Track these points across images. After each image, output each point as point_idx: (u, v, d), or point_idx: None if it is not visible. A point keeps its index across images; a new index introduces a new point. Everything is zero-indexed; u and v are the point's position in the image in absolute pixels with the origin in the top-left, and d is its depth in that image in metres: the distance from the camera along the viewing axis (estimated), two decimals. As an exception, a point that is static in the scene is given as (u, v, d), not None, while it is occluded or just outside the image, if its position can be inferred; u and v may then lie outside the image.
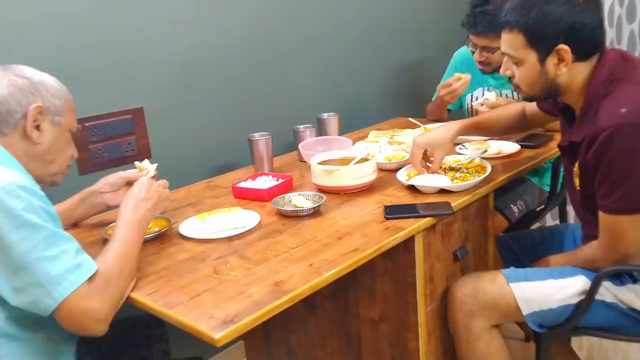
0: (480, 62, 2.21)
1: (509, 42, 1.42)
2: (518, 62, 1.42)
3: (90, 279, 1.09)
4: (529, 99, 1.51)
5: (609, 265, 1.38)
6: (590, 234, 1.45)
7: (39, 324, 1.17)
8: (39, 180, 1.23)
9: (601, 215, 1.37)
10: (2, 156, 1.16)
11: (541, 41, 1.36)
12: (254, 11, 2.17)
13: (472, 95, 2.35)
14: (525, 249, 1.80)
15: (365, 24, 2.62)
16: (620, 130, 1.26)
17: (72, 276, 1.07)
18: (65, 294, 1.05)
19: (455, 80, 2.20)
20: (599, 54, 1.38)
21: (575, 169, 1.43)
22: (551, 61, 1.37)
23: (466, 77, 2.20)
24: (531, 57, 1.39)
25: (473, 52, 2.21)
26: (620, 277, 1.42)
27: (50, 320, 1.18)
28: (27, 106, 1.19)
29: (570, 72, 1.38)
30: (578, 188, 1.45)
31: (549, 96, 1.48)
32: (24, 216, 1.05)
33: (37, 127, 1.21)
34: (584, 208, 1.47)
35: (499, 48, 2.06)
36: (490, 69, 2.23)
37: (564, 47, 1.34)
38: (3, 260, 1.05)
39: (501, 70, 1.50)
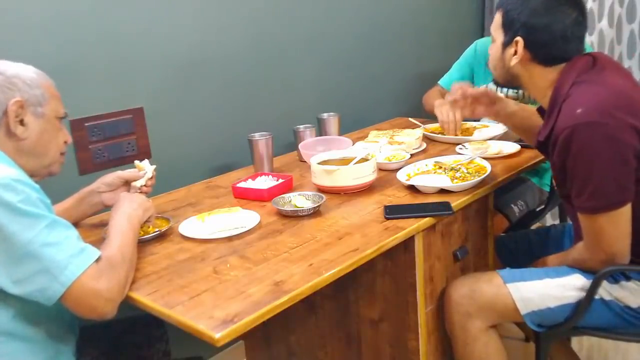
0: None
1: (495, 19, 1.50)
2: (493, 40, 1.51)
3: (96, 261, 1.10)
4: (495, 81, 1.58)
5: (599, 265, 1.37)
6: (579, 233, 1.45)
7: (40, 322, 1.17)
8: (34, 174, 1.22)
9: (579, 216, 1.38)
10: None
11: (509, 27, 1.44)
12: (254, 11, 2.17)
13: (487, 87, 2.32)
14: (522, 249, 1.80)
15: (365, 23, 2.62)
16: (576, 130, 1.27)
17: (78, 260, 1.07)
18: (73, 278, 1.05)
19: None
20: (567, 63, 1.41)
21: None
22: (509, 50, 1.45)
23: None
24: (499, 38, 1.48)
25: None
26: (613, 275, 1.41)
27: (50, 318, 1.19)
28: (5, 103, 1.15)
29: (530, 72, 1.45)
30: (556, 188, 1.48)
31: (508, 82, 1.54)
32: (22, 208, 1.05)
33: (21, 122, 1.18)
34: (567, 207, 1.48)
35: None
36: None
37: (519, 39, 1.41)
38: (4, 252, 1.04)
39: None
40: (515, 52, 1.43)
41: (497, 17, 1.48)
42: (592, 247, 1.38)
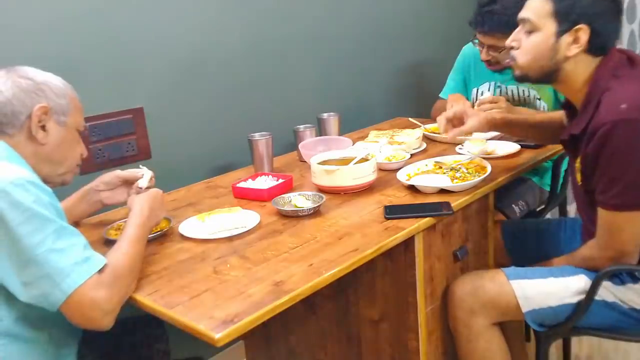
0: (487, 61, 2.16)
1: (534, 6, 1.39)
2: (533, 30, 1.39)
3: (100, 271, 1.09)
4: (520, 76, 1.46)
5: (606, 263, 1.37)
6: (590, 231, 1.44)
7: (43, 325, 1.17)
8: (47, 180, 1.23)
9: (599, 211, 1.37)
10: (11, 155, 1.17)
11: (567, 15, 1.34)
12: (254, 11, 2.17)
13: (477, 90, 2.32)
14: (529, 238, 1.79)
15: (365, 23, 2.62)
16: (619, 126, 1.26)
17: (81, 269, 1.07)
18: (74, 286, 1.05)
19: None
20: (605, 55, 1.38)
21: (577, 164, 1.43)
22: (566, 39, 1.35)
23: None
24: (550, 28, 1.36)
25: (480, 51, 2.15)
26: (620, 277, 1.42)
27: (54, 321, 1.19)
28: (31, 107, 1.18)
29: (576, 64, 1.37)
30: (580, 183, 1.45)
31: (544, 77, 1.43)
32: (33, 209, 1.05)
33: (43, 128, 1.21)
34: (585, 204, 1.47)
35: (505, 47, 2.06)
36: (499, 67, 2.16)
37: (584, 27, 1.32)
38: (13, 254, 1.05)
39: (508, 40, 1.46)
40: (574, 42, 1.34)
41: (544, 5, 1.36)
42: (604, 244, 1.38)
